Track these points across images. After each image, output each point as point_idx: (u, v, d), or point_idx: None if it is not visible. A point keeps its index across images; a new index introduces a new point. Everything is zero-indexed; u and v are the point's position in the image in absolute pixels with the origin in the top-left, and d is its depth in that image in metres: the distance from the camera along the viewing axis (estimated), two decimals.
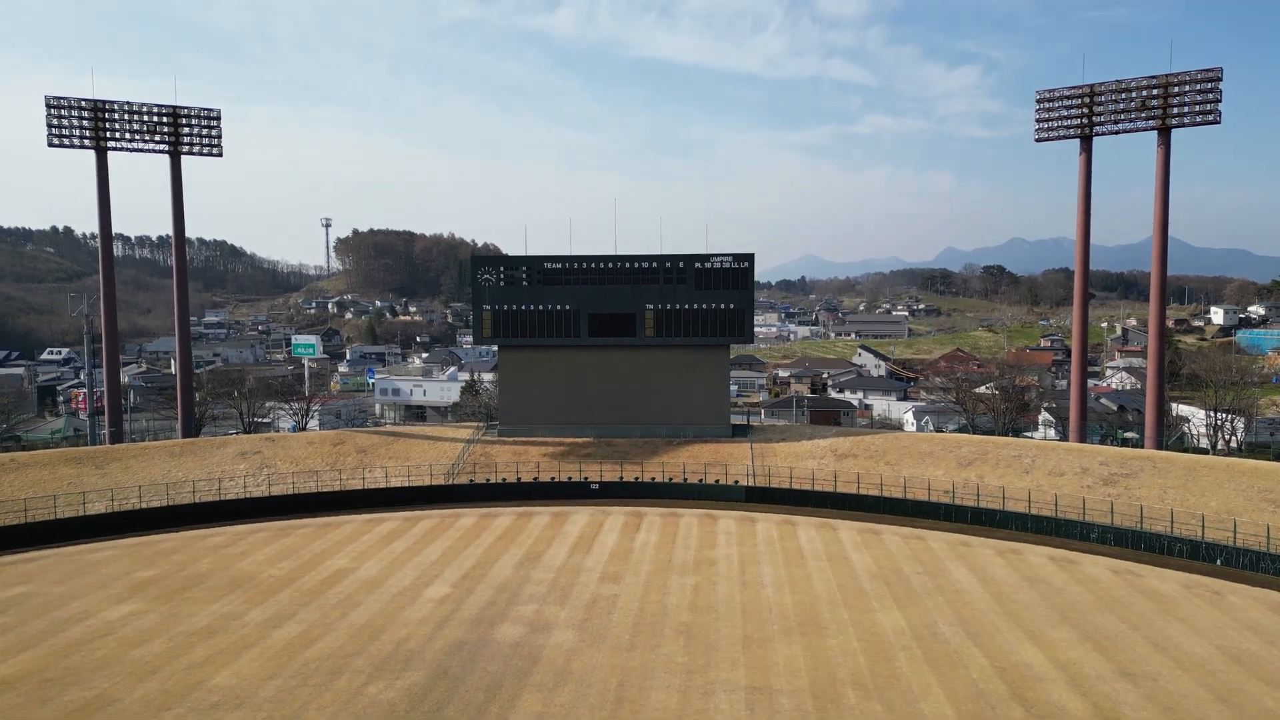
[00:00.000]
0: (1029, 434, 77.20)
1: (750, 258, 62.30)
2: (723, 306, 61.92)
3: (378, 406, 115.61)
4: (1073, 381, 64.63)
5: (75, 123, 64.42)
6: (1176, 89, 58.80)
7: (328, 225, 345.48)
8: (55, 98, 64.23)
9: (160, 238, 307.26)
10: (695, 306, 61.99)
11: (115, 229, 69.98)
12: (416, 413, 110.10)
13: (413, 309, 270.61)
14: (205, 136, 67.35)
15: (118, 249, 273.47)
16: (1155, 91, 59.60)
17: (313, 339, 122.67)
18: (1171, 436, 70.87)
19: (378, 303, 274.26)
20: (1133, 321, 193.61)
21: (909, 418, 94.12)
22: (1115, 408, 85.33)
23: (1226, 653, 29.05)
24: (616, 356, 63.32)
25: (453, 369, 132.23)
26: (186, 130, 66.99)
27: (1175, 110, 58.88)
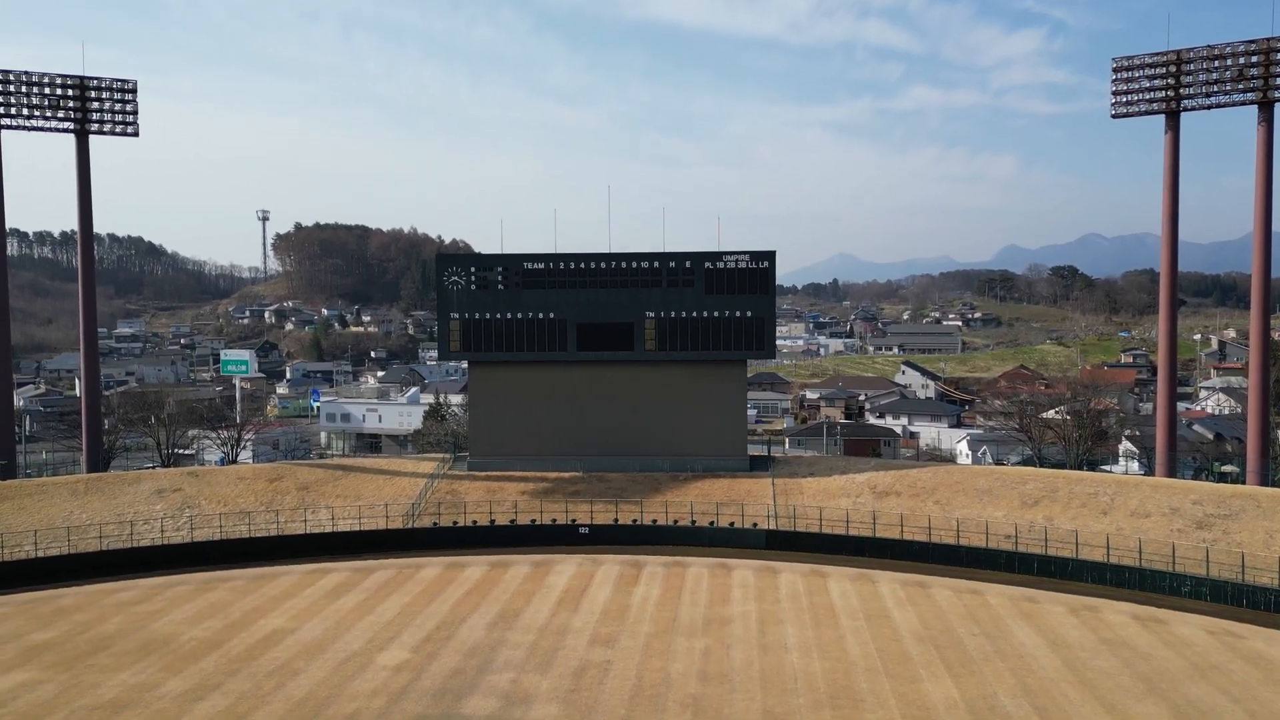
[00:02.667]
0: (1107, 467, 77.23)
1: (771, 256, 62.53)
2: (738, 314, 62.13)
3: (323, 435, 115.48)
4: (1159, 405, 64.69)
5: None
6: None
7: (265, 219, 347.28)
8: None
9: (64, 234, 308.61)
10: (705, 315, 62.21)
11: (9, 223, 70.35)
12: (370, 442, 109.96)
13: (366, 318, 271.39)
14: (118, 112, 67.88)
15: (12, 247, 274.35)
16: (1255, 59, 60.15)
17: (246, 354, 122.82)
18: (1279, 470, 70.85)
19: (324, 311, 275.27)
20: (1231, 333, 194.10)
21: (963, 448, 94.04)
22: (1211, 436, 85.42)
23: None
24: (611, 374, 63.43)
25: (414, 390, 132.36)
26: (96, 105, 67.53)
27: (1279, 81, 59.38)
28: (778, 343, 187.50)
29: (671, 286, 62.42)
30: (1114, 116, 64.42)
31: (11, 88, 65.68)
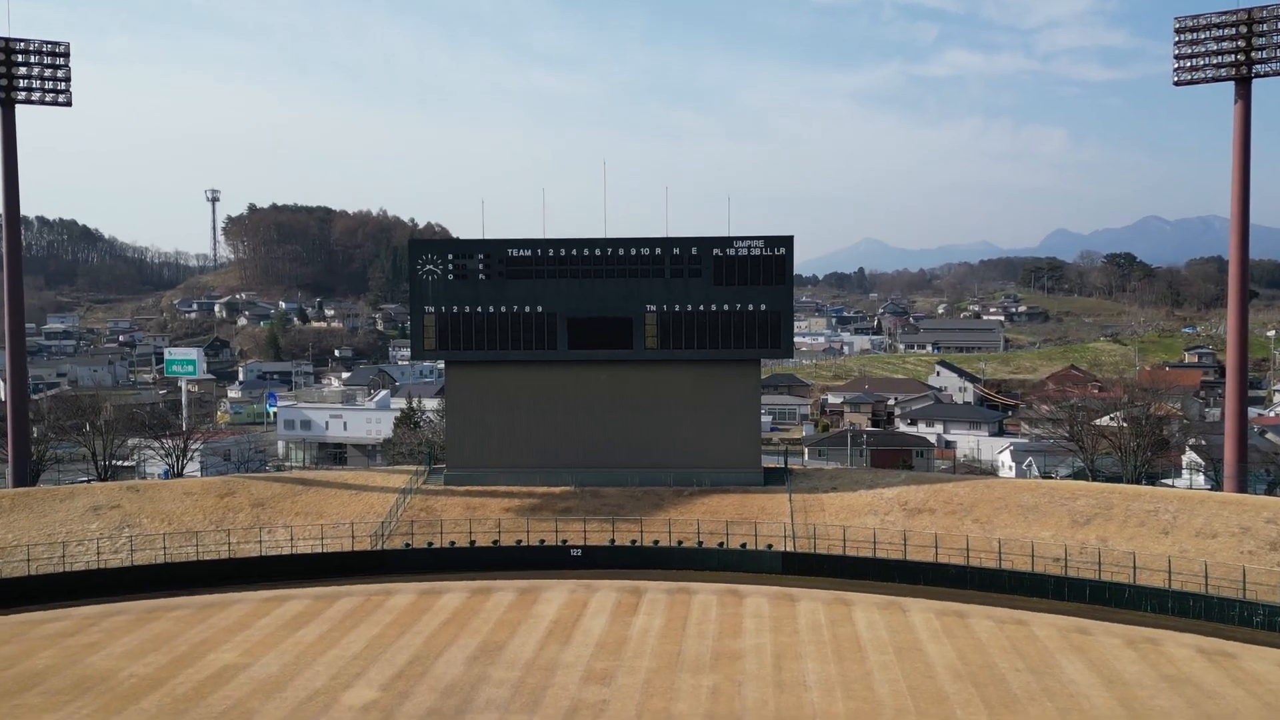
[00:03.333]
0: (1169, 481, 77.20)
1: (789, 242, 62.52)
2: (751, 308, 62.13)
3: (281, 444, 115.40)
4: (1228, 411, 64.68)
5: None
6: None
7: (215, 199, 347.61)
8: None
9: None
10: (714, 308, 62.22)
11: None
12: (334, 453, 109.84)
13: (329, 312, 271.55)
14: (48, 79, 67.87)
15: None
16: None
17: (194, 353, 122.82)
18: None
19: (282, 304, 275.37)
20: None
21: (1005, 459, 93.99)
22: None
23: None
24: (606, 376, 63.44)
25: (383, 393, 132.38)
26: (23, 71, 67.50)
27: None
28: (796, 340, 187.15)
29: (676, 276, 62.42)
30: (1177, 84, 64.41)
31: None
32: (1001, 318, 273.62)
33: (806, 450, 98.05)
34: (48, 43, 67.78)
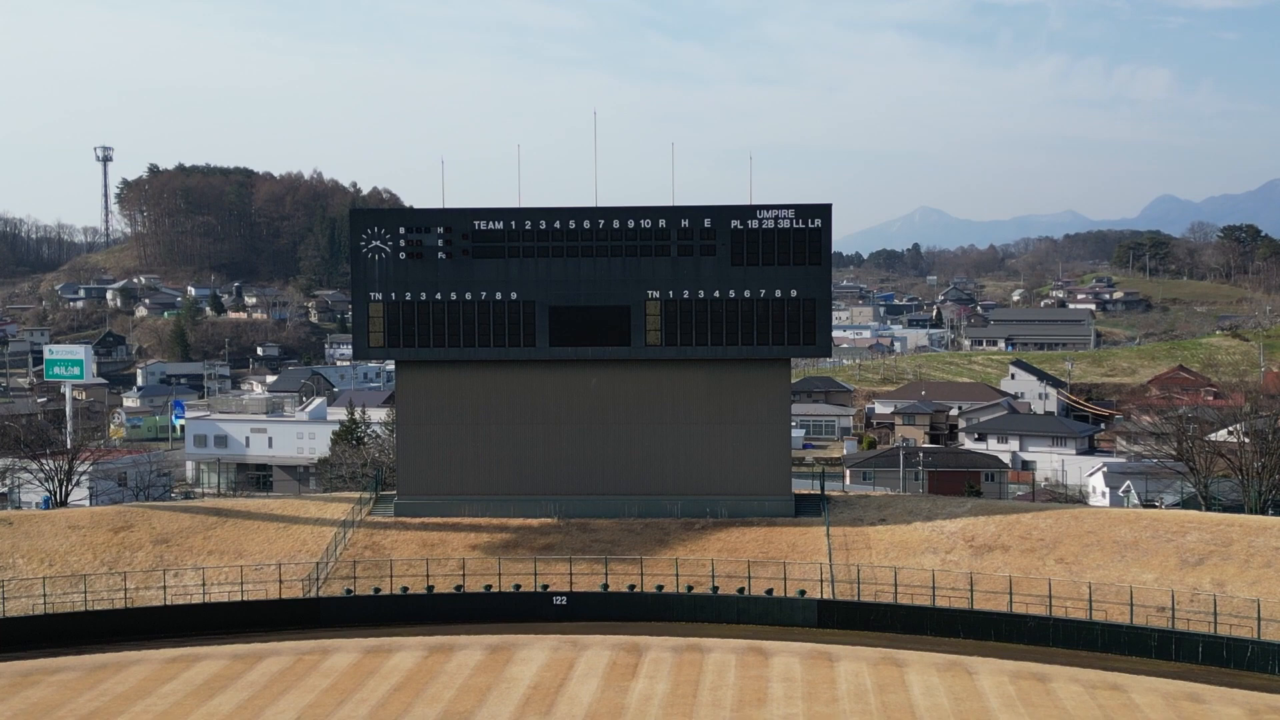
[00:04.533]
0: None
1: (825, 212, 62.53)
2: (779, 295, 62.15)
3: (190, 466, 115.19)
4: None
5: None
6: None
7: (106, 159, 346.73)
8: None
9: None
10: (732, 295, 62.23)
11: None
12: (257, 476, 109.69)
13: (251, 300, 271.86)
14: None
15: None
16: None
17: (80, 351, 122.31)
18: None
19: (191, 290, 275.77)
20: None
21: (1097, 483, 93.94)
22: None
23: None
24: (598, 380, 63.52)
25: (318, 402, 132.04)
26: None
27: None
28: (835, 335, 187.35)
29: (684, 255, 62.43)
30: None
31: None
32: (1092, 306, 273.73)
33: (848, 473, 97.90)
34: None
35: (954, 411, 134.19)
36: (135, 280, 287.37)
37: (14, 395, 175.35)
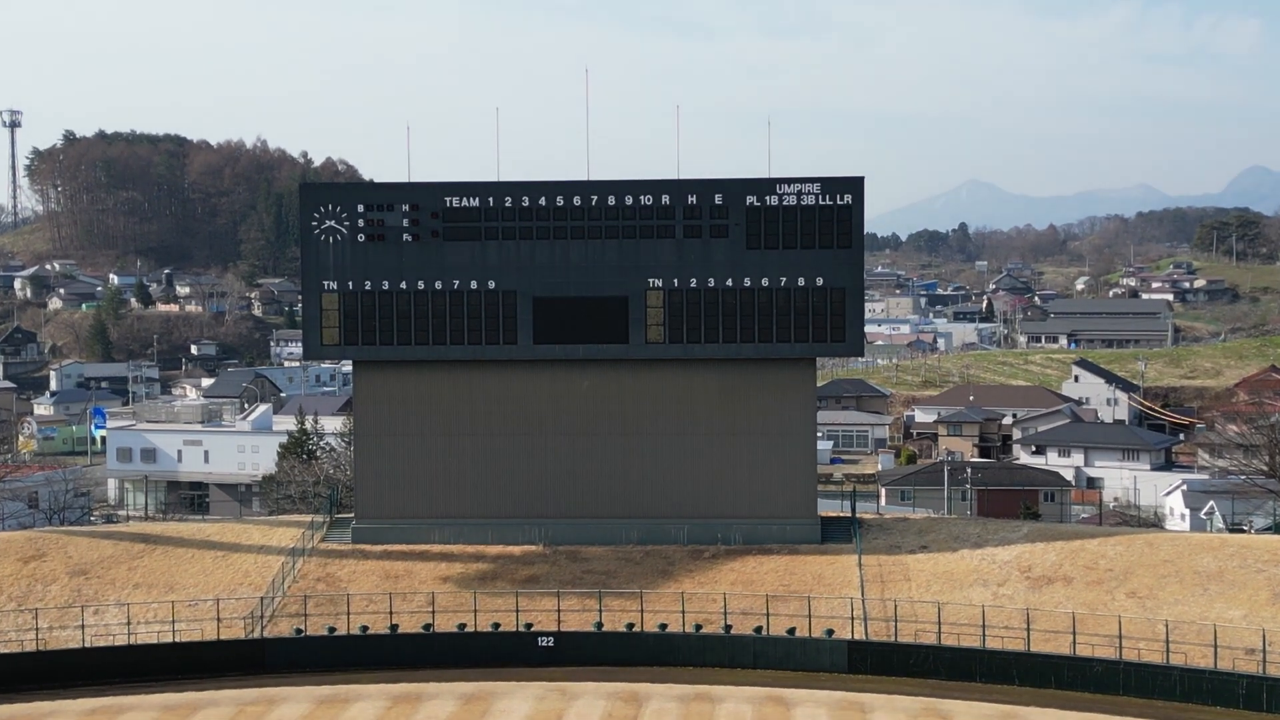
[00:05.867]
0: None
1: (857, 186, 62.58)
2: (802, 283, 62.13)
3: (113, 484, 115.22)
4: None
5: None
6: None
7: (14, 125, 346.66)
8: None
9: None
10: (748, 283, 62.24)
11: None
12: (191, 496, 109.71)
13: (184, 290, 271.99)
14: None
15: None
16: None
17: None
18: None
19: (114, 278, 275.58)
20: None
21: (1176, 503, 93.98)
22: None
23: None
24: (590, 382, 63.52)
25: (263, 409, 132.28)
26: None
27: None
28: (869, 330, 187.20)
29: (691, 237, 62.42)
30: None
31: None
32: (1169, 297, 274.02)
33: (884, 491, 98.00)
34: None
35: (1007, 420, 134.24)
36: (48, 267, 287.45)
37: None
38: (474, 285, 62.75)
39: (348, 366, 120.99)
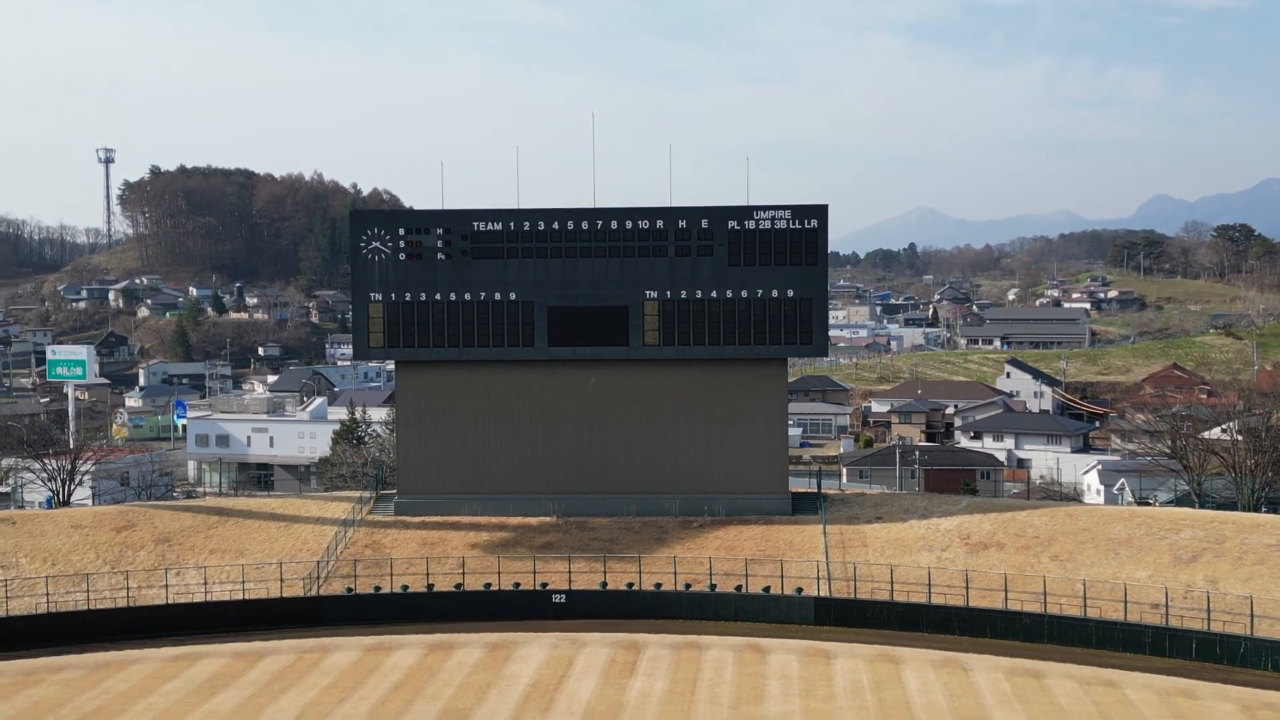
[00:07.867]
0: None
1: (822, 212, 62.59)
2: (776, 295, 62.21)
3: (192, 465, 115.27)
4: None
5: None
6: None
7: (109, 161, 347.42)
8: None
9: None
10: (730, 295, 62.28)
11: None
12: (258, 476, 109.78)
13: (252, 300, 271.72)
14: None
15: None
16: None
17: (83, 352, 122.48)
18: None
19: (193, 290, 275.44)
20: None
21: (1092, 481, 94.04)
22: None
23: None
24: (596, 379, 63.57)
25: (319, 401, 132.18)
26: None
27: None
28: (832, 334, 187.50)
29: (682, 256, 62.47)
30: None
31: None
32: (1087, 305, 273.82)
33: (845, 471, 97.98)
34: None
35: (950, 410, 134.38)
36: (137, 281, 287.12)
37: (17, 395, 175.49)
38: (497, 296, 62.79)
39: (391, 365, 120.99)
